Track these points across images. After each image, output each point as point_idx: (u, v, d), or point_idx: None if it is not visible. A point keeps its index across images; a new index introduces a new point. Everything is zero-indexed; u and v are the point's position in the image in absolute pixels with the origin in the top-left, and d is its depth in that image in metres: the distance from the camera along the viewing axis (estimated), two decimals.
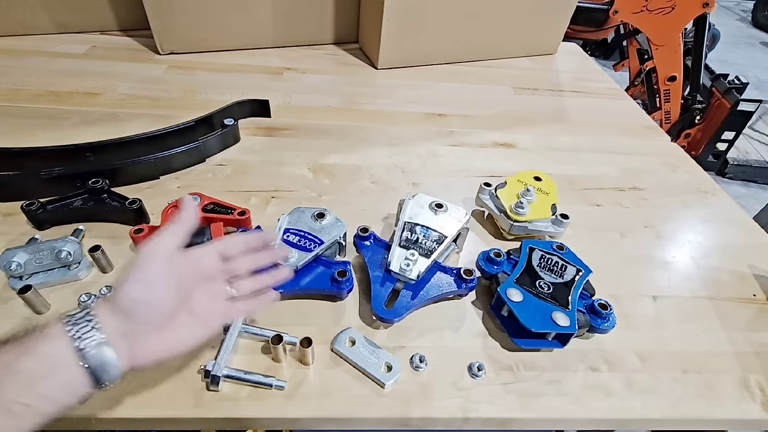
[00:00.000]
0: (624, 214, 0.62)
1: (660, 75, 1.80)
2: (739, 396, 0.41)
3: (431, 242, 0.46)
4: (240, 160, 0.64)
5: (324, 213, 0.49)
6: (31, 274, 0.43)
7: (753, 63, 3.70)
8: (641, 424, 0.40)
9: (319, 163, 0.65)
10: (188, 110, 0.71)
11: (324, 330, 0.43)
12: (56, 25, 0.90)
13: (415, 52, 0.94)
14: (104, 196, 0.51)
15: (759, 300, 0.51)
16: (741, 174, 2.18)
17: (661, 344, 0.45)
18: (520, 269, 0.45)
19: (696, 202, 0.66)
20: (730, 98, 1.95)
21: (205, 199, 0.51)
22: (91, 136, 0.58)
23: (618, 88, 0.98)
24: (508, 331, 0.43)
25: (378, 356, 0.40)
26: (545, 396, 0.40)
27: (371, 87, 0.88)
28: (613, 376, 0.42)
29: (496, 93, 0.90)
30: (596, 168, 0.71)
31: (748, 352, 0.45)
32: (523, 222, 0.53)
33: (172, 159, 0.59)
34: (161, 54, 0.88)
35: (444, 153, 0.70)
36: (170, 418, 0.36)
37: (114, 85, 0.77)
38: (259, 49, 0.95)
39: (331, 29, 0.99)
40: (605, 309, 0.43)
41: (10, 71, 0.77)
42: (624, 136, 0.81)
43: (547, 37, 1.06)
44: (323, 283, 0.44)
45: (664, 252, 0.57)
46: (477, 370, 0.40)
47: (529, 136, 0.77)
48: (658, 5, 1.58)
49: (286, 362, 0.40)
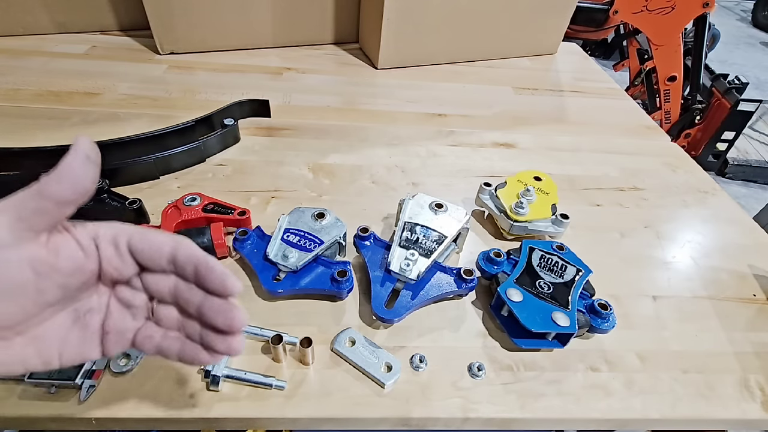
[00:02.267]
0: (624, 214, 0.62)
1: (660, 75, 1.80)
2: (739, 396, 0.41)
3: (431, 242, 0.46)
4: (240, 160, 0.64)
5: (324, 213, 0.49)
6: None
7: (753, 63, 3.71)
8: (641, 424, 0.40)
9: (319, 163, 0.65)
10: (188, 110, 0.71)
11: (324, 330, 0.43)
12: (56, 25, 0.90)
13: (415, 52, 0.94)
14: (104, 196, 0.51)
15: (759, 300, 0.51)
16: (741, 174, 2.19)
17: (661, 344, 0.45)
18: (520, 269, 0.45)
19: (696, 202, 0.66)
20: (730, 98, 1.95)
21: (205, 199, 0.51)
22: (91, 136, 0.57)
23: (618, 88, 0.98)
24: (508, 331, 0.43)
25: (378, 356, 0.40)
26: (545, 396, 0.40)
27: (371, 87, 0.88)
28: (613, 376, 0.42)
29: (496, 93, 0.90)
30: (596, 168, 0.71)
31: (748, 352, 0.45)
32: (523, 222, 0.53)
33: (172, 159, 0.59)
34: (161, 54, 0.88)
35: (444, 153, 0.70)
36: (170, 418, 0.36)
37: (114, 85, 0.77)
38: (259, 49, 0.95)
39: (331, 29, 0.99)
40: (605, 309, 0.43)
41: (10, 71, 0.77)
42: (624, 136, 0.81)
43: (547, 37, 1.06)
44: (323, 283, 0.44)
45: (664, 252, 0.57)
46: (477, 370, 0.40)
47: (529, 136, 0.77)
48: (658, 5, 1.58)
49: (286, 362, 0.40)
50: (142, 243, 0.26)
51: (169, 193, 0.56)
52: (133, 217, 0.50)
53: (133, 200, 0.50)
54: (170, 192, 0.57)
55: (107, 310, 0.27)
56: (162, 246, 0.26)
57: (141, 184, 0.57)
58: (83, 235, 0.25)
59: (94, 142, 0.24)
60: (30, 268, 0.23)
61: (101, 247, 0.26)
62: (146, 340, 0.28)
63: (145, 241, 0.26)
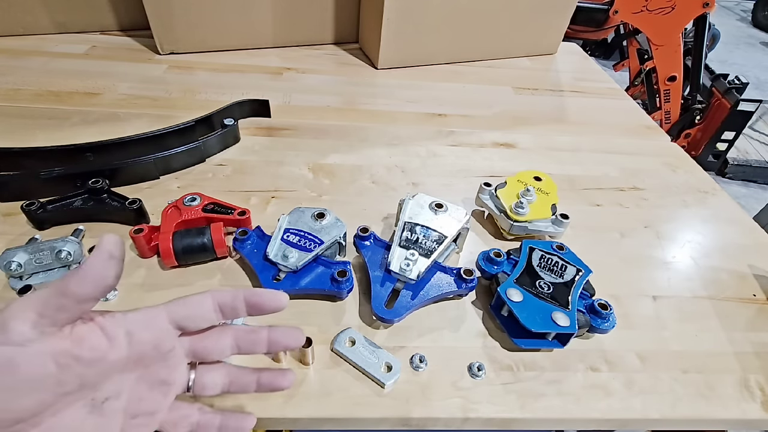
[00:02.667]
0: (624, 214, 0.62)
1: (660, 75, 1.80)
2: (739, 396, 0.41)
3: (431, 242, 0.46)
4: (240, 160, 0.64)
5: (324, 213, 0.49)
6: (31, 274, 0.43)
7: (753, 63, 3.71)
8: (641, 424, 0.40)
9: (319, 163, 0.65)
10: (188, 110, 0.71)
11: (324, 330, 0.43)
12: (56, 25, 0.90)
13: (415, 52, 0.94)
14: (104, 196, 0.51)
15: (759, 300, 0.51)
16: (741, 174, 2.19)
17: (661, 344, 0.45)
18: (520, 269, 0.45)
19: (696, 202, 0.66)
20: (730, 98, 1.95)
21: (205, 199, 0.51)
22: (91, 136, 0.58)
23: (618, 88, 0.98)
24: (508, 331, 0.43)
25: (378, 356, 0.40)
26: (545, 396, 0.40)
27: (371, 87, 0.88)
28: (613, 376, 0.42)
29: (496, 93, 0.90)
30: (596, 168, 0.71)
31: (748, 352, 0.45)
32: (523, 222, 0.53)
33: (172, 159, 0.59)
34: (161, 54, 0.88)
35: (444, 153, 0.70)
36: None
37: (114, 85, 0.77)
38: (259, 49, 0.95)
39: (331, 29, 0.99)
40: (605, 309, 0.43)
41: (10, 71, 0.77)
42: (624, 136, 0.81)
43: (547, 37, 1.06)
44: (323, 283, 0.44)
45: (664, 252, 0.57)
46: (477, 370, 0.40)
47: (529, 136, 0.77)
48: (658, 5, 1.58)
49: (286, 362, 0.40)
50: (181, 307, 0.27)
51: (169, 193, 0.56)
52: (133, 217, 0.50)
53: (133, 200, 0.50)
54: (170, 192, 0.57)
55: (130, 396, 0.26)
56: (202, 300, 0.27)
57: (141, 184, 0.57)
58: (110, 323, 0.25)
59: (120, 240, 0.24)
60: (53, 361, 0.23)
61: (135, 332, 0.26)
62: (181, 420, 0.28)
63: (182, 304, 0.27)
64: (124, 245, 0.25)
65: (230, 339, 0.29)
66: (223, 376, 0.30)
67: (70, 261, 0.43)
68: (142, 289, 0.45)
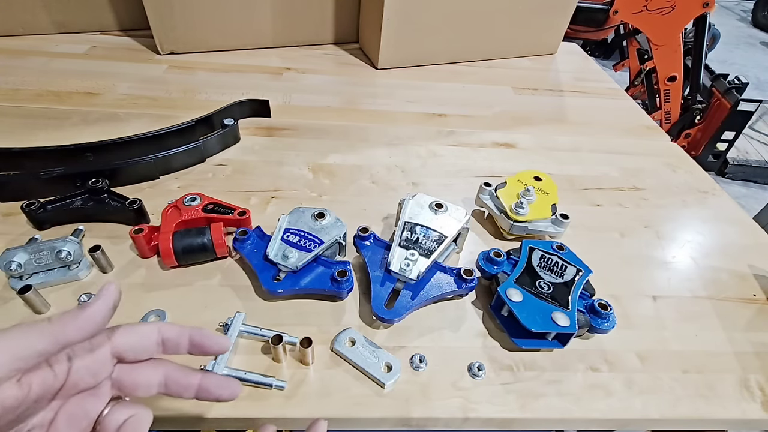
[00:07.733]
0: (624, 214, 0.62)
1: (660, 75, 1.80)
2: (739, 396, 0.41)
3: (431, 242, 0.46)
4: (240, 160, 0.64)
5: (324, 213, 0.49)
6: (31, 274, 0.43)
7: (753, 63, 3.71)
8: (641, 424, 0.40)
9: (319, 163, 0.65)
10: (188, 110, 0.71)
11: (324, 330, 0.43)
12: (56, 25, 0.90)
13: (415, 52, 0.94)
14: (104, 196, 0.51)
15: (759, 300, 0.51)
16: (741, 174, 2.19)
17: (661, 344, 0.45)
18: (520, 269, 0.45)
19: (696, 202, 0.66)
20: (730, 98, 1.95)
21: (205, 199, 0.51)
22: (91, 136, 0.58)
23: (618, 88, 0.98)
24: (508, 331, 0.43)
25: (378, 356, 0.40)
26: (545, 396, 0.40)
27: (371, 87, 0.88)
28: (613, 376, 0.42)
29: (496, 93, 0.90)
30: (596, 168, 0.71)
31: (748, 352, 0.45)
32: (523, 222, 0.53)
33: (172, 159, 0.59)
34: (161, 54, 0.88)
35: (444, 153, 0.70)
36: (170, 417, 0.36)
37: (114, 85, 0.77)
38: (259, 49, 0.95)
39: (331, 29, 0.99)
40: (605, 309, 0.43)
41: (10, 71, 0.77)
42: (624, 136, 0.81)
43: (547, 37, 1.06)
44: (323, 283, 0.44)
45: (664, 252, 0.57)
46: (477, 370, 0.40)
47: (529, 136, 0.77)
48: (658, 5, 1.58)
49: (286, 362, 0.40)
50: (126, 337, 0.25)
51: (169, 193, 0.56)
52: (133, 217, 0.50)
53: (133, 200, 0.50)
54: (170, 192, 0.57)
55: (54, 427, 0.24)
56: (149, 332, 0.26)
57: (141, 184, 0.57)
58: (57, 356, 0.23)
59: (119, 288, 0.25)
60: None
61: (76, 358, 0.23)
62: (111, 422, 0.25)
63: (128, 333, 0.25)
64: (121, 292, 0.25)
65: (161, 377, 0.27)
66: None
67: (70, 261, 0.43)
68: (142, 289, 0.45)
